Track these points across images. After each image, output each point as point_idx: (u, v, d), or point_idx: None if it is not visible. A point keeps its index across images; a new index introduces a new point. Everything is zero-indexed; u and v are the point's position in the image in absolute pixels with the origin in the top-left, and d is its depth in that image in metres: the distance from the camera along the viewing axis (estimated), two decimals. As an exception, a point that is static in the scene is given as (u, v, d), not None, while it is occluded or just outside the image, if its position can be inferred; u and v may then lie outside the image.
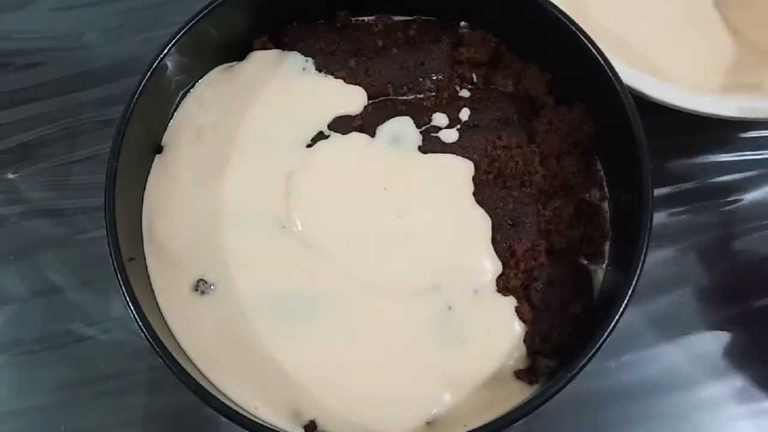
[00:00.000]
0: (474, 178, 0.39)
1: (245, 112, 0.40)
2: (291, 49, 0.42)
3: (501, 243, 0.37)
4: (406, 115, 0.40)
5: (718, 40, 0.44)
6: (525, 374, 0.35)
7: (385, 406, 0.35)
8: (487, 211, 0.38)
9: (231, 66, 0.42)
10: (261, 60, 0.42)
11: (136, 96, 0.37)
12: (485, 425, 0.31)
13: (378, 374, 0.35)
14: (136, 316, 0.33)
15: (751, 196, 0.45)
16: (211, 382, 0.35)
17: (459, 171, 0.39)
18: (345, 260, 0.37)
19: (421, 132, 0.40)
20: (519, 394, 0.35)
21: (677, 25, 0.44)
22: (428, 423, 0.34)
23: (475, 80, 0.42)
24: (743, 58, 0.43)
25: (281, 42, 0.43)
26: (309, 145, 0.39)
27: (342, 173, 0.39)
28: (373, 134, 0.40)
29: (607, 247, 0.38)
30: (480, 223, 0.38)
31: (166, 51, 0.38)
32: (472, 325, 0.36)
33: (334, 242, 0.37)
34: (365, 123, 0.40)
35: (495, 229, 0.37)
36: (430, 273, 0.37)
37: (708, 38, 0.44)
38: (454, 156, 0.39)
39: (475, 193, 0.38)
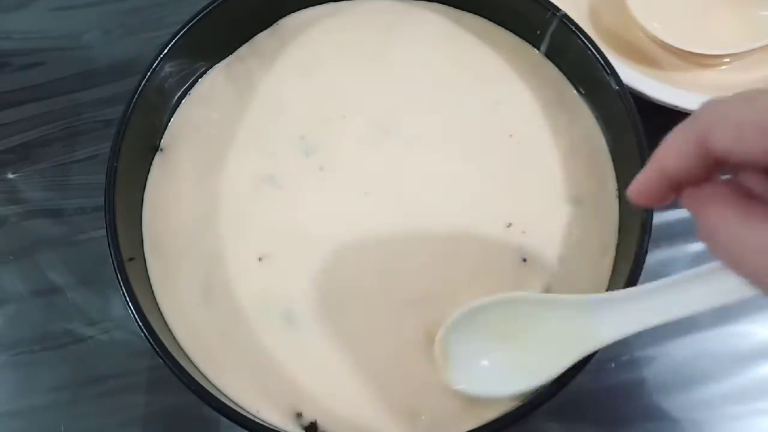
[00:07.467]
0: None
1: (246, 110, 0.40)
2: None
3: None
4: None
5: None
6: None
7: (387, 406, 0.35)
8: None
9: (231, 64, 0.42)
10: (261, 58, 0.42)
11: (136, 96, 0.37)
12: (485, 425, 0.31)
13: (379, 375, 0.35)
14: (136, 316, 0.33)
15: (751, 196, 0.45)
16: (211, 382, 0.35)
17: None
18: (338, 262, 0.37)
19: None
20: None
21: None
22: (430, 423, 0.34)
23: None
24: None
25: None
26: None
27: (332, 174, 0.39)
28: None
29: (607, 246, 0.38)
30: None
31: (165, 51, 0.38)
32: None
33: (323, 245, 0.37)
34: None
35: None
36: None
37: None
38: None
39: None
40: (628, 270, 0.33)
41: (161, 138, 0.40)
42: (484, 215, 0.38)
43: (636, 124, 0.35)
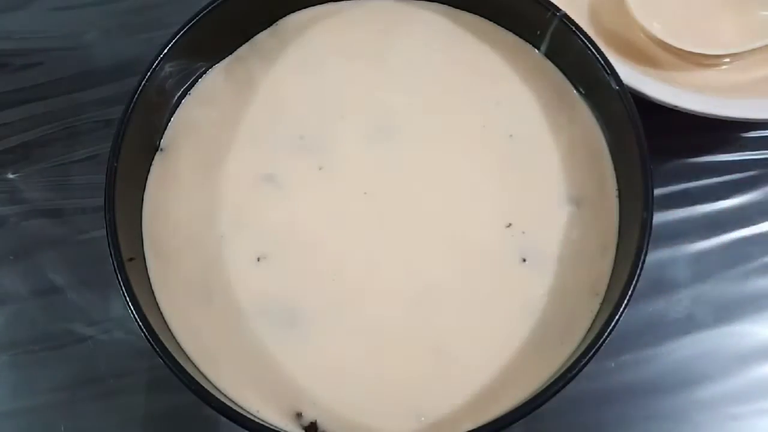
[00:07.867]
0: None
1: (246, 110, 0.40)
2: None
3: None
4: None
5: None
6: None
7: (387, 406, 0.35)
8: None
9: (231, 64, 0.42)
10: (262, 58, 0.42)
11: (136, 96, 0.37)
12: (485, 425, 0.31)
13: (379, 375, 0.35)
14: (136, 316, 0.33)
15: (751, 196, 0.45)
16: (211, 382, 0.35)
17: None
18: (337, 262, 0.37)
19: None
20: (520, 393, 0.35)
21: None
22: (431, 423, 0.34)
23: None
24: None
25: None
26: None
27: (331, 174, 0.39)
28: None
29: (607, 246, 0.38)
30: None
31: (165, 51, 0.38)
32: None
33: (322, 245, 0.37)
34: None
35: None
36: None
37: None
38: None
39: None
40: (628, 270, 0.33)
41: (161, 138, 0.40)
42: (483, 215, 0.38)
43: (636, 124, 0.35)
